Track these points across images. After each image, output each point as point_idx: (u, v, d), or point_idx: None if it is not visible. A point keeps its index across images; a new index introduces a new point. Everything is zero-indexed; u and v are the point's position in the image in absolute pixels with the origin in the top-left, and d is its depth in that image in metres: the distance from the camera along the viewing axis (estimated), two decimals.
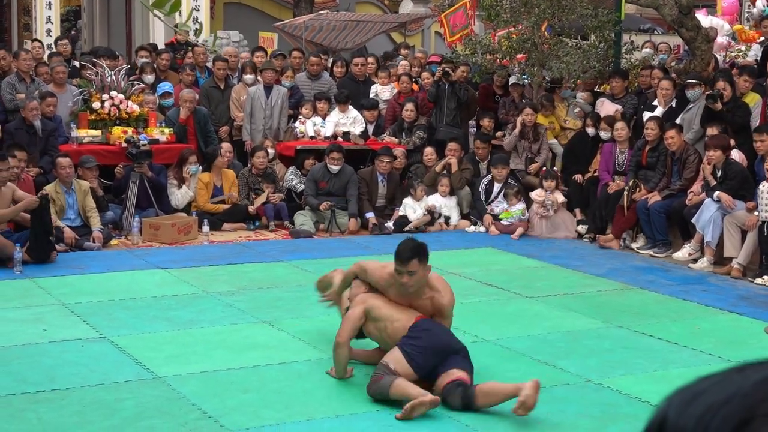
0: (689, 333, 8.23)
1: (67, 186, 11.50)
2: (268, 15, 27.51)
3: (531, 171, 13.70)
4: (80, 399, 6.30)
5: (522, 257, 11.42)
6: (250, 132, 14.30)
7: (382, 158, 13.33)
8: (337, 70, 16.06)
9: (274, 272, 10.29)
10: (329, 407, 6.22)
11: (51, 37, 22.21)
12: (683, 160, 11.71)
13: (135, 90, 13.79)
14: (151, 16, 22.42)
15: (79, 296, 9.07)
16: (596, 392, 6.66)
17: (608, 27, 14.82)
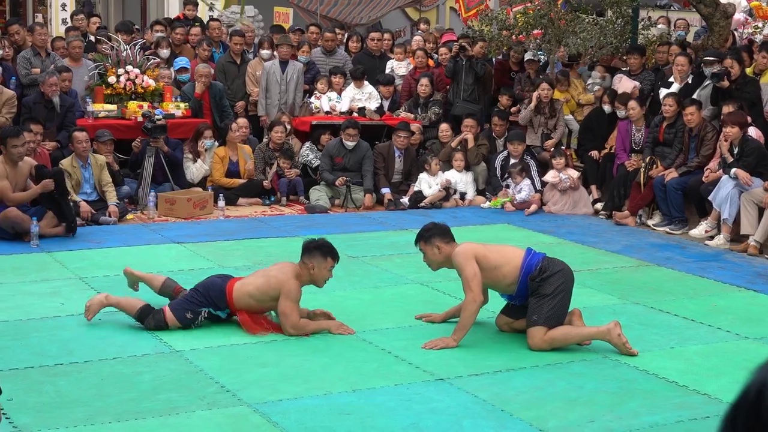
0: (706, 310, 8.21)
1: (84, 160, 11.52)
2: None
3: (547, 147, 13.66)
4: (98, 372, 6.32)
5: (537, 233, 11.39)
6: (266, 107, 14.29)
7: (400, 133, 13.31)
8: (352, 45, 16.02)
9: (290, 247, 10.26)
10: (347, 381, 6.23)
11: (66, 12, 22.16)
12: (701, 136, 11.66)
13: (150, 64, 13.78)
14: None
15: (96, 270, 9.10)
16: (613, 368, 6.66)
17: (625, 3, 14.74)
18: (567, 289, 7.03)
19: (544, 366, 6.64)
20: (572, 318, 7.17)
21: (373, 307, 8.10)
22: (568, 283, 7.05)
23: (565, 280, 7.01)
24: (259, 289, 7.20)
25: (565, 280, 7.00)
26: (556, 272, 6.97)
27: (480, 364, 6.63)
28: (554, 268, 7.00)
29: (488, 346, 7.04)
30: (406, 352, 6.82)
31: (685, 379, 6.42)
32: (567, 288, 7.03)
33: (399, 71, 15.38)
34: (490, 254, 7.04)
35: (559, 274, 6.98)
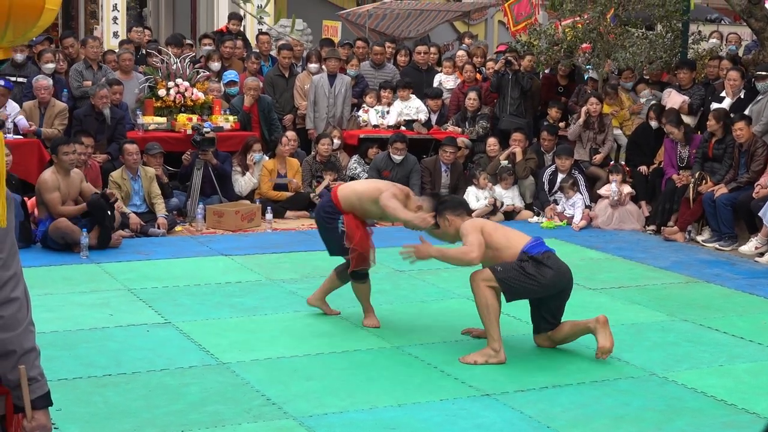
0: (756, 327, 8.13)
1: (134, 172, 11.63)
2: (331, 3, 27.54)
3: (595, 162, 13.60)
4: (146, 383, 6.37)
5: (585, 248, 11.34)
6: (314, 120, 14.34)
7: (446, 148, 13.31)
8: (400, 59, 16.05)
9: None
10: (392, 396, 6.23)
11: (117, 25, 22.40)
12: (751, 152, 11.57)
13: (200, 78, 13.88)
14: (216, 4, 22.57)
15: (145, 282, 9.17)
16: (661, 386, 6.61)
17: (675, 17, 14.65)
18: (549, 285, 6.93)
19: (590, 383, 6.60)
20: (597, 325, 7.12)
21: (419, 321, 8.10)
22: (556, 282, 6.95)
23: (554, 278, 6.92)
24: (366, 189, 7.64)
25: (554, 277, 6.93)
26: (549, 266, 6.93)
27: (526, 380, 6.60)
28: (551, 263, 6.95)
29: (534, 362, 7.02)
30: (451, 366, 6.81)
31: (733, 398, 6.36)
32: (550, 284, 6.93)
33: (447, 85, 15.38)
34: (495, 234, 7.08)
35: (551, 270, 6.92)
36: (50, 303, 8.31)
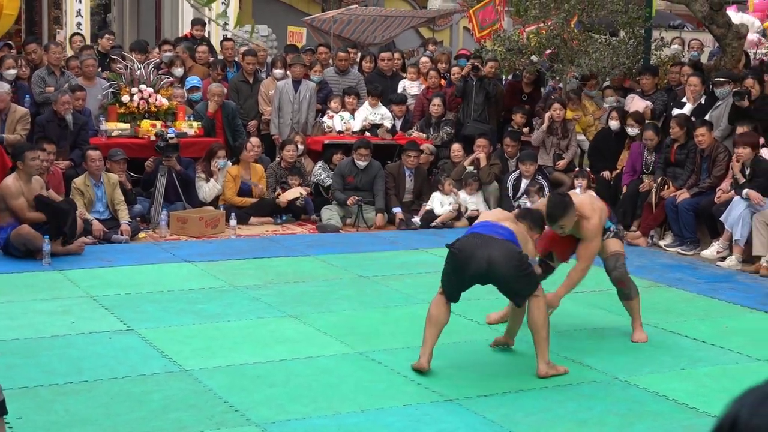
0: (717, 331, 8.19)
1: (96, 179, 11.57)
2: (296, 9, 27.54)
3: (559, 167, 13.66)
4: (107, 391, 6.33)
5: None
6: (278, 126, 14.33)
7: (409, 153, 13.34)
8: (365, 65, 16.05)
9: (301, 266, 10.31)
10: (355, 402, 6.23)
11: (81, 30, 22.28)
12: (712, 157, 11.66)
13: (164, 83, 13.83)
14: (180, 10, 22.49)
15: (107, 289, 9.12)
16: (623, 390, 6.64)
17: (638, 23, 14.76)
18: (458, 269, 6.81)
19: (553, 387, 6.63)
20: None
21: (382, 327, 8.10)
22: (464, 265, 6.75)
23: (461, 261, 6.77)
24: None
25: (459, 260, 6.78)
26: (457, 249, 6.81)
27: (489, 384, 6.62)
28: (459, 245, 6.82)
29: (497, 367, 7.04)
30: (414, 372, 6.82)
31: (694, 401, 6.40)
32: (459, 267, 6.80)
33: (411, 91, 15.41)
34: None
35: (458, 252, 6.78)
36: (12, 310, 8.25)
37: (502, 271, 6.67)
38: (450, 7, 26.88)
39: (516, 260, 6.67)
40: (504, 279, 6.78)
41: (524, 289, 6.82)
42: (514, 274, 6.70)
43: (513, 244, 6.73)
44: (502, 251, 6.66)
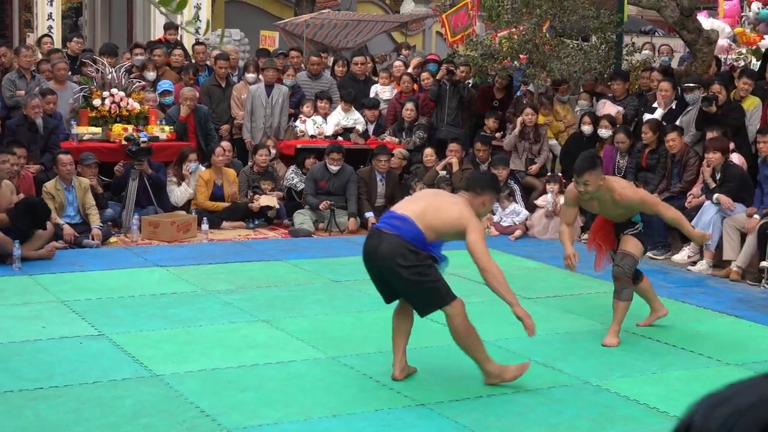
0: (688, 335, 8.23)
1: (68, 183, 11.51)
2: (269, 13, 27.51)
3: (531, 172, 13.71)
4: (78, 396, 6.29)
5: (521, 258, 11.41)
6: (251, 130, 14.31)
7: (380, 157, 13.34)
8: (338, 69, 16.06)
9: (273, 271, 10.29)
10: (327, 407, 6.22)
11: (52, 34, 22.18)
12: (683, 162, 11.72)
13: (135, 87, 13.78)
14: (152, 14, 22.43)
15: (78, 293, 9.07)
16: (594, 394, 6.66)
17: (610, 28, 14.83)
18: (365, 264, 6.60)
19: (524, 392, 6.64)
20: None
21: (354, 331, 8.10)
22: (366, 260, 6.57)
23: (364, 257, 6.58)
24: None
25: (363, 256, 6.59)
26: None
27: (460, 389, 6.62)
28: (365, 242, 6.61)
29: (469, 372, 7.03)
30: (386, 377, 6.81)
31: (666, 405, 6.42)
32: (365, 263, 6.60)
33: (383, 95, 15.42)
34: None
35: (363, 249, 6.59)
36: None
37: (389, 268, 6.37)
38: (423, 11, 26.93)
39: (400, 257, 6.30)
40: (395, 280, 6.43)
41: (418, 296, 6.47)
42: (404, 276, 6.32)
43: (400, 239, 6.31)
44: (388, 247, 6.35)
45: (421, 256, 6.34)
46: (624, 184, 7.90)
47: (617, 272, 7.84)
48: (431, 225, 6.40)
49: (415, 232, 6.35)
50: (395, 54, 21.61)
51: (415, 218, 6.40)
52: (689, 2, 13.37)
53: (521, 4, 15.10)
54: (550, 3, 14.64)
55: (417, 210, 6.50)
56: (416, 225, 6.36)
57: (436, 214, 6.43)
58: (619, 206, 7.65)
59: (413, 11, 27.72)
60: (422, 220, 6.40)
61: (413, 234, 6.34)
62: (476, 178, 7.12)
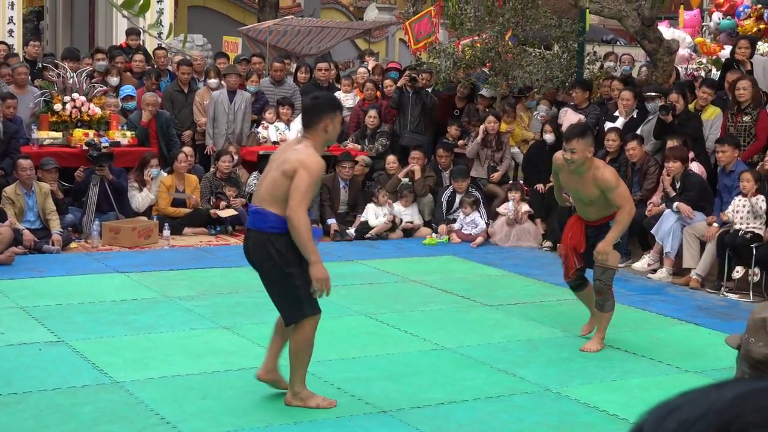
0: (648, 343, 8.28)
1: (28, 188, 11.42)
2: (232, 19, 27.46)
3: (493, 180, 13.75)
4: (37, 403, 6.25)
5: (483, 266, 11.44)
6: (213, 136, 14.26)
7: (344, 164, 13.34)
8: (300, 75, 16.03)
9: (235, 277, 10.25)
10: (288, 414, 6.21)
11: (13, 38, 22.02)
12: (644, 170, 11.80)
13: (97, 92, 13.70)
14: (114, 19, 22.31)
15: (38, 299, 9.00)
16: (555, 401, 6.69)
17: (572, 37, 14.92)
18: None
19: (485, 399, 6.66)
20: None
21: (316, 338, 8.06)
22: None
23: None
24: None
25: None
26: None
27: (422, 396, 6.63)
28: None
29: (429, 378, 7.05)
30: (348, 384, 6.81)
31: (625, 413, 6.46)
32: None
33: (346, 103, 15.40)
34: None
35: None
36: None
37: (257, 268, 6.28)
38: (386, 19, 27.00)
39: (262, 255, 6.16)
40: (262, 279, 6.32)
41: (281, 299, 6.28)
42: (266, 277, 6.24)
43: (264, 235, 6.11)
44: (254, 247, 6.21)
45: (285, 257, 6.07)
46: (610, 169, 7.95)
47: (599, 287, 7.85)
48: (276, 197, 6.06)
49: (272, 220, 6.08)
50: (358, 61, 21.64)
51: (267, 205, 6.12)
52: (650, 12, 13.46)
53: (484, 12, 15.17)
54: (512, 12, 14.72)
55: (261, 194, 6.23)
56: (268, 211, 6.10)
57: (275, 185, 6.08)
58: (596, 187, 7.58)
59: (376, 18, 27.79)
60: (268, 201, 6.12)
61: (271, 222, 6.09)
62: (306, 109, 6.51)
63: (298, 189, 5.92)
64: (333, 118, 6.23)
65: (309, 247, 6.03)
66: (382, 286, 10.23)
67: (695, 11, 18.78)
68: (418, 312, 8.87)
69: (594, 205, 7.78)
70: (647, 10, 13.42)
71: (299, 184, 5.92)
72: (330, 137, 6.33)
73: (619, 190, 7.59)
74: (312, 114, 6.27)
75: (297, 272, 6.10)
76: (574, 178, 7.72)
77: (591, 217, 7.90)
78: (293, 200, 5.91)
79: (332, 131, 6.28)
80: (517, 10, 14.77)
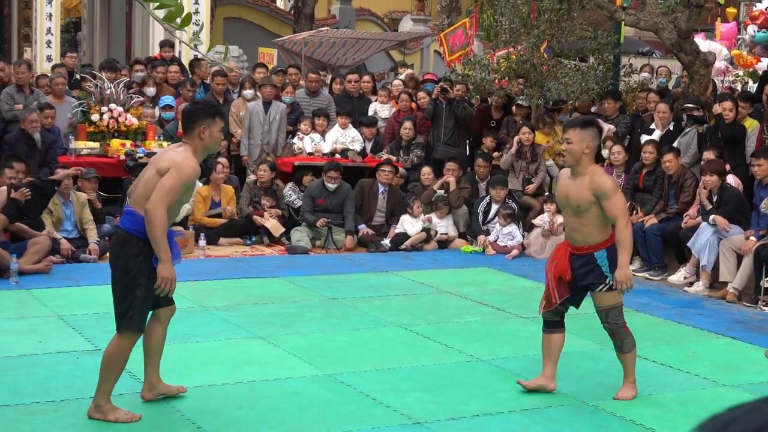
0: (684, 356, 8.24)
1: (65, 198, 11.51)
2: (268, 31, 27.59)
3: (528, 192, 13.72)
4: (74, 411, 6.29)
5: (518, 277, 11.42)
6: (248, 147, 14.31)
7: (384, 167, 13.36)
8: (335, 87, 16.09)
9: (270, 288, 10.30)
10: (324, 424, 6.22)
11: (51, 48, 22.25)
12: (680, 183, 11.76)
13: (134, 103, 13.80)
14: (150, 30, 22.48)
15: (75, 308, 9.07)
16: (590, 414, 6.67)
17: (607, 49, 14.89)
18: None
19: (521, 411, 6.64)
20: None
21: (351, 349, 8.10)
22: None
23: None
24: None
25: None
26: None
27: (457, 408, 6.63)
28: None
29: (465, 390, 7.04)
30: (383, 395, 6.82)
31: (661, 427, 6.43)
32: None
33: (382, 114, 15.45)
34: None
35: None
36: None
37: (111, 263, 6.24)
38: (421, 30, 27.03)
39: (120, 254, 6.12)
40: (112, 275, 6.24)
41: (119, 302, 6.18)
42: (116, 277, 6.17)
43: (129, 235, 6.07)
44: (114, 245, 6.23)
45: (140, 265, 6.05)
46: (611, 177, 7.18)
47: (610, 329, 7.04)
48: (140, 200, 6.06)
49: (141, 223, 6.01)
50: (393, 73, 21.68)
51: (139, 207, 6.06)
52: (686, 24, 13.41)
53: (519, 24, 15.16)
54: (548, 23, 14.70)
55: (136, 195, 6.18)
56: (134, 211, 6.10)
57: (147, 185, 6.07)
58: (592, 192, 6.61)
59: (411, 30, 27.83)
60: (141, 203, 6.05)
61: (139, 225, 6.02)
62: (183, 114, 6.57)
63: (163, 185, 5.92)
64: (210, 124, 6.18)
65: (160, 244, 5.94)
66: (417, 297, 10.23)
67: (732, 24, 18.68)
68: (453, 323, 8.86)
69: (583, 220, 6.75)
70: (683, 22, 13.37)
71: (166, 181, 5.93)
72: (207, 144, 6.26)
73: (615, 199, 6.64)
74: (187, 120, 6.29)
75: (144, 284, 6.06)
76: (567, 183, 6.83)
77: (578, 242, 6.83)
78: (155, 194, 5.89)
79: (208, 138, 6.21)
80: (553, 22, 14.75)
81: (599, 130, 6.96)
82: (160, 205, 5.87)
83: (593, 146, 6.76)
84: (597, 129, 6.89)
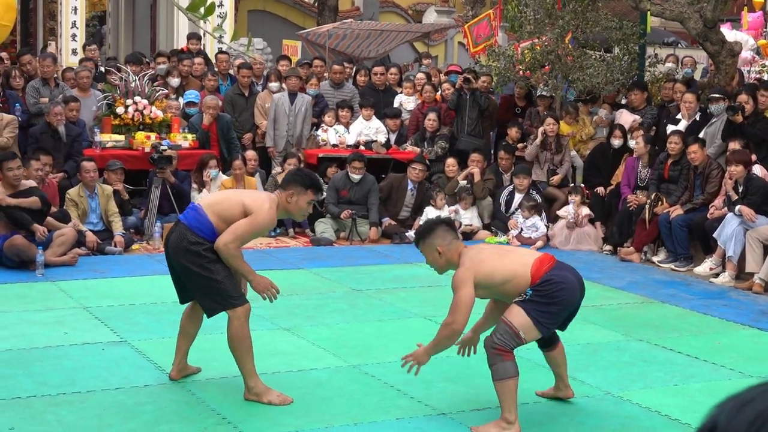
0: (709, 347, 8.20)
1: (91, 190, 11.57)
2: (292, 23, 27.60)
3: (553, 183, 13.68)
4: (100, 402, 6.32)
5: None
6: (274, 138, 14.34)
7: (415, 165, 13.36)
8: (360, 78, 16.08)
9: (295, 279, 10.31)
10: (348, 415, 6.23)
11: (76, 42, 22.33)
12: (706, 174, 11.69)
13: (159, 95, 13.84)
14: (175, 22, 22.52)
15: (100, 300, 9.11)
16: (615, 405, 6.65)
17: (632, 40, 14.82)
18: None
19: (545, 401, 6.63)
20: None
21: (376, 340, 8.11)
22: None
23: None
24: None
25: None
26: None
27: (482, 398, 6.62)
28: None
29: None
30: (408, 386, 6.81)
31: (687, 417, 6.40)
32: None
33: (407, 106, 15.44)
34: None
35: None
36: (5, 321, 8.25)
37: (176, 259, 6.37)
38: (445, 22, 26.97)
39: (184, 246, 6.27)
40: (181, 271, 6.41)
41: (202, 292, 6.39)
42: (186, 267, 6.30)
43: (186, 227, 6.30)
44: (176, 236, 6.36)
45: (205, 248, 6.25)
46: (464, 268, 6.26)
47: (486, 344, 6.32)
48: (219, 213, 6.30)
49: (201, 221, 6.29)
50: (417, 65, 21.65)
51: (205, 206, 6.38)
52: (712, 14, 13.33)
53: (544, 15, 15.10)
54: (572, 14, 14.64)
55: (210, 199, 6.59)
56: (204, 213, 6.32)
57: (227, 202, 6.40)
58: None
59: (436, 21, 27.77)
60: (211, 207, 6.35)
61: (199, 223, 6.29)
62: (288, 174, 6.86)
63: (238, 227, 6.24)
64: (300, 193, 6.39)
65: (244, 270, 6.41)
66: (442, 288, 10.16)
67: (758, 13, 18.57)
68: (476, 315, 8.82)
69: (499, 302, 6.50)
70: (709, 12, 13.29)
71: (241, 225, 6.25)
72: (290, 209, 6.46)
73: (461, 293, 6.27)
74: (285, 180, 6.64)
75: (217, 264, 6.30)
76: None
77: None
78: (229, 234, 6.22)
79: (294, 204, 6.41)
80: (577, 12, 14.69)
81: (435, 225, 6.35)
82: (232, 246, 6.22)
83: (443, 243, 6.20)
84: (432, 227, 6.32)
